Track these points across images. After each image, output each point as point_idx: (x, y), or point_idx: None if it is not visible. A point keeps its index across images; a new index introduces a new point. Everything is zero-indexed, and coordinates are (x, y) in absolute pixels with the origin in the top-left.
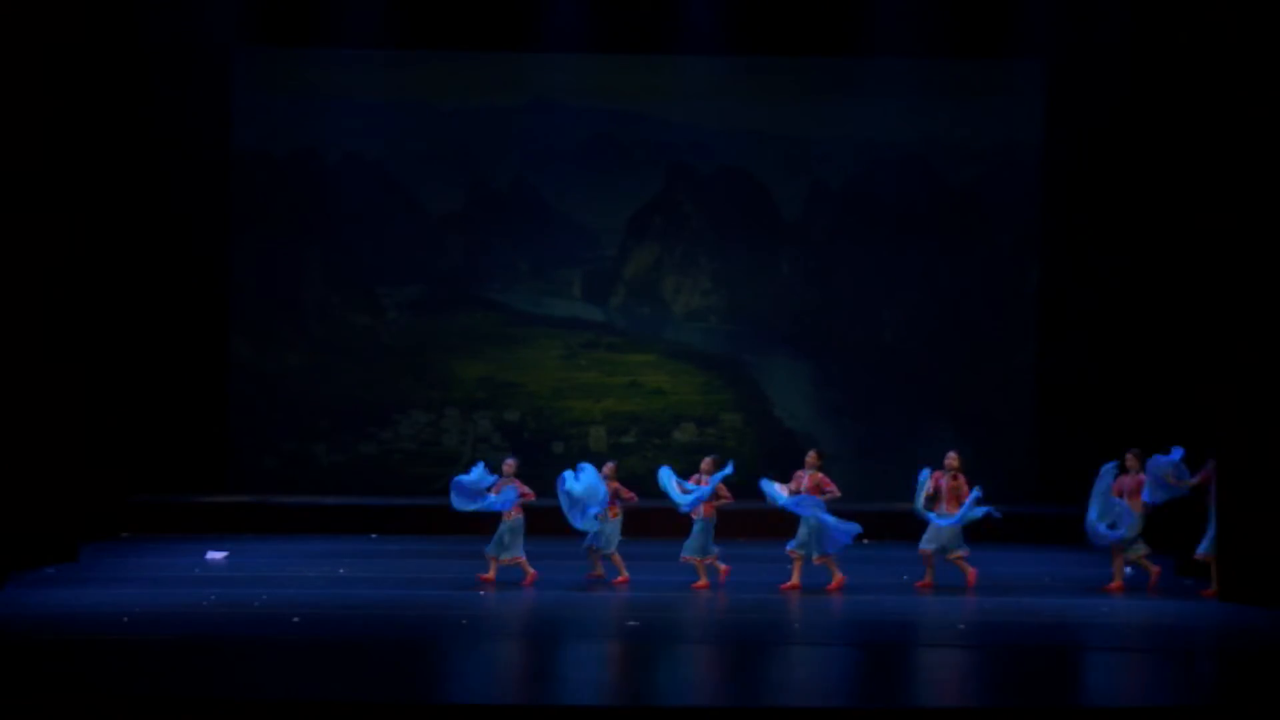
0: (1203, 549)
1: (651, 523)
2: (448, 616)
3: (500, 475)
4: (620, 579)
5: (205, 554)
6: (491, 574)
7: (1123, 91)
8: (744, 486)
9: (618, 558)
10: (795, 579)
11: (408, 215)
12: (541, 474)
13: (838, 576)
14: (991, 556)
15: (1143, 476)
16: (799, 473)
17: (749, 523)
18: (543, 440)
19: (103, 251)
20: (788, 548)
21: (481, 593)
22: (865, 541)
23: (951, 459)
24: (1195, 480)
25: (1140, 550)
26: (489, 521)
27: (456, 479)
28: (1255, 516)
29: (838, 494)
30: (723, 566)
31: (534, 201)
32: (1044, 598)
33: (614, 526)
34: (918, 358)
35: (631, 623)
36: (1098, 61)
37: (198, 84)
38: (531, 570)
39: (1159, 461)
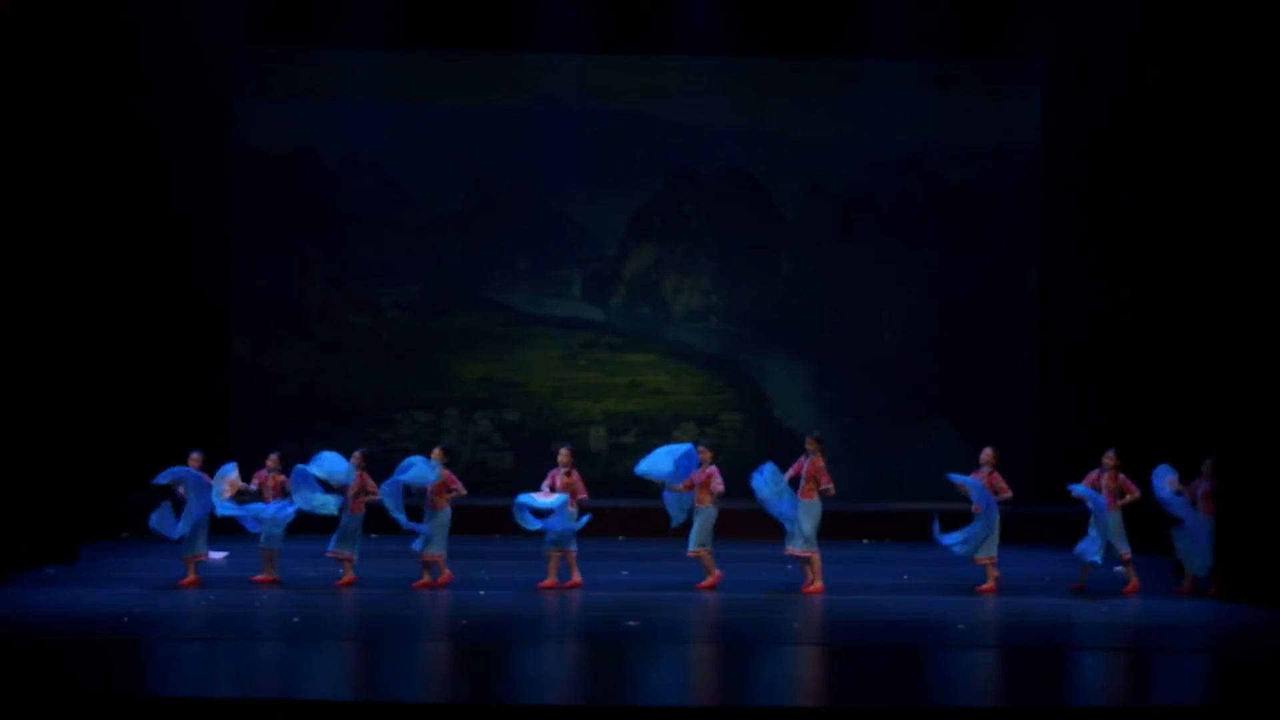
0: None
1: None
2: (446, 616)
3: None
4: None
5: (208, 554)
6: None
7: (1122, 91)
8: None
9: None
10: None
11: (408, 215)
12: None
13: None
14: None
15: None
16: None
17: (747, 523)
18: (543, 440)
19: (103, 251)
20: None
21: (481, 592)
22: (866, 541)
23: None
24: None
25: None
26: (484, 522)
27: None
28: (1255, 517)
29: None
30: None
31: (534, 201)
32: (1044, 598)
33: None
34: (918, 357)
35: (631, 623)
36: (1098, 61)
37: (198, 84)
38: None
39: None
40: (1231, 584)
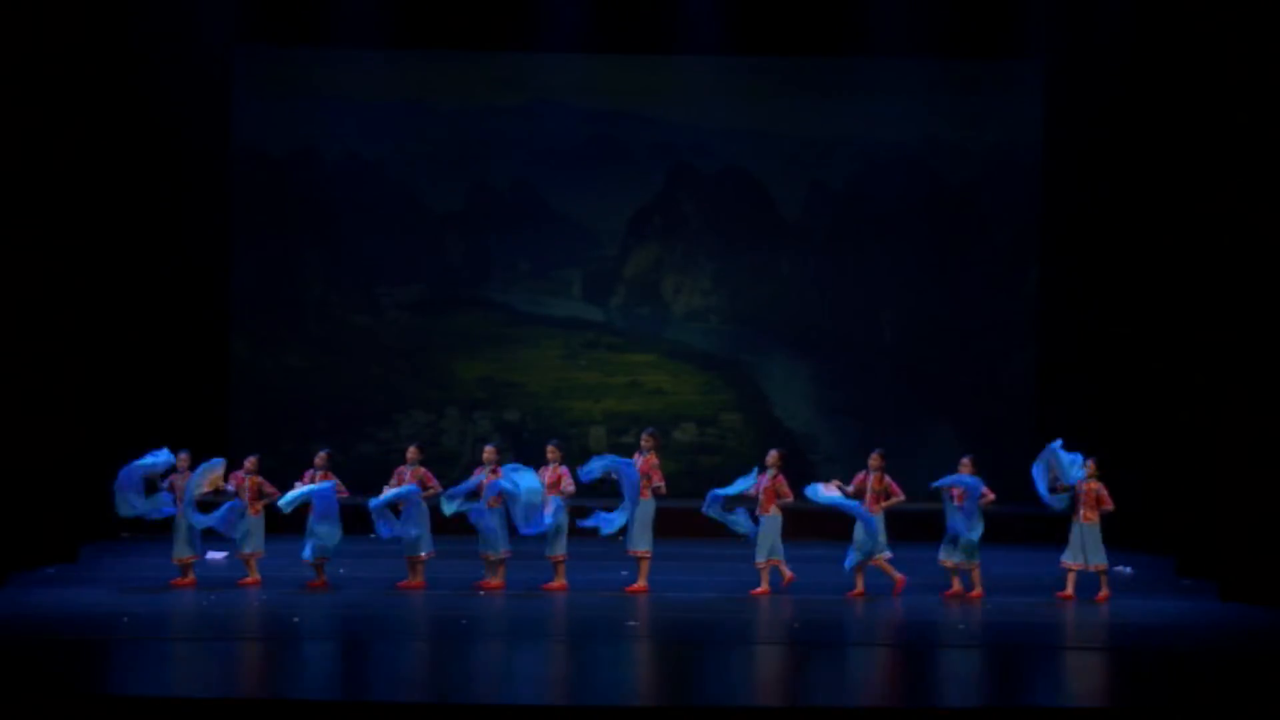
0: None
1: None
2: (446, 616)
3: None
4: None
5: (205, 554)
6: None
7: (1122, 92)
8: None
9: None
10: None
11: (408, 215)
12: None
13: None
14: (992, 556)
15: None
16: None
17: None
18: (543, 440)
19: (103, 251)
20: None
21: (481, 593)
22: None
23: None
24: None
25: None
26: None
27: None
28: (1255, 517)
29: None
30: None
31: (534, 201)
32: (1044, 598)
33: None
34: (918, 358)
35: (631, 623)
36: (1097, 61)
37: (198, 84)
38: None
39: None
40: (1231, 584)
